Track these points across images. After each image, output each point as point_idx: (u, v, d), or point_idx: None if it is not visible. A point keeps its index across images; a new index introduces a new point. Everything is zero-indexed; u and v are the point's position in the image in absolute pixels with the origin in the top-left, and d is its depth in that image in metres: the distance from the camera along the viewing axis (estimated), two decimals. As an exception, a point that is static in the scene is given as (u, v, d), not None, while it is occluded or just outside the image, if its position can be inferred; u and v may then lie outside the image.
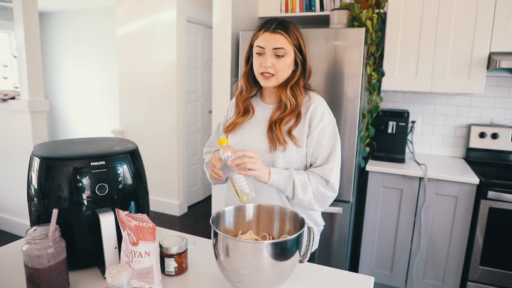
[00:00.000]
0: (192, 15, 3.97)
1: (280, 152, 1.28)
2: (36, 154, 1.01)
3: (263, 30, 1.29)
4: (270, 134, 1.30)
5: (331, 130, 1.32)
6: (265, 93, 1.42)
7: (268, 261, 0.86)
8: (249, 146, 1.32)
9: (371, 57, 2.46)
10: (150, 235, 0.88)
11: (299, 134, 1.30)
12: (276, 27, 1.27)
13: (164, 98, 3.97)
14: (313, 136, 1.30)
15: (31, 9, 3.01)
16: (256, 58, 1.32)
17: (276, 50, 1.27)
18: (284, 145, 1.28)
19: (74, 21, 5.68)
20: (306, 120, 1.31)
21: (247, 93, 1.40)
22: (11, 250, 1.14)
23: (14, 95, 3.23)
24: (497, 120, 2.71)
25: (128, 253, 0.90)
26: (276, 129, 1.29)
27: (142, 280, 0.90)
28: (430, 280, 2.44)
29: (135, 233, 0.88)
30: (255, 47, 1.31)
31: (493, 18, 2.28)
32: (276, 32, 1.27)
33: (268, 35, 1.28)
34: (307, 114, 1.31)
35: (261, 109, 1.40)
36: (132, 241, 0.89)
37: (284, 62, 1.28)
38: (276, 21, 1.29)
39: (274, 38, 1.27)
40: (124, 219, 0.90)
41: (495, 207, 2.18)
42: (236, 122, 1.39)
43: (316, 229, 1.43)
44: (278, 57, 1.28)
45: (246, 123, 1.39)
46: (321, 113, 1.32)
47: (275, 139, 1.29)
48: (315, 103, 1.33)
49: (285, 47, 1.27)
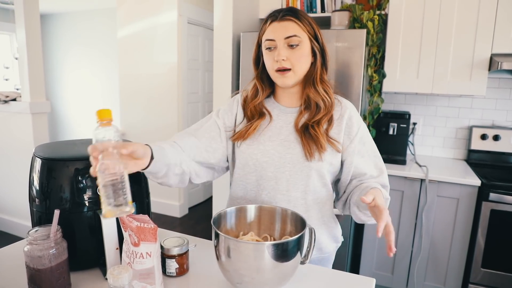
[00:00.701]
0: (193, 16, 3.98)
1: (315, 163, 1.12)
2: (38, 155, 1.01)
3: (270, 20, 1.13)
4: (305, 140, 1.12)
5: (368, 135, 1.22)
6: (283, 94, 1.23)
7: (270, 262, 0.85)
8: (272, 156, 1.16)
9: (372, 58, 2.46)
10: (152, 236, 0.88)
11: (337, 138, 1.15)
12: (284, 14, 1.11)
13: (165, 99, 3.97)
14: (353, 146, 1.16)
15: (32, 11, 3.02)
16: (267, 54, 1.15)
17: (288, 39, 1.10)
18: (322, 152, 1.12)
19: (75, 22, 5.69)
20: (341, 127, 1.16)
21: (263, 95, 1.22)
22: (13, 251, 1.14)
23: (15, 97, 3.23)
24: (499, 122, 2.71)
25: (130, 254, 0.90)
26: (316, 132, 1.12)
27: (144, 281, 0.90)
28: (431, 282, 2.44)
29: (137, 234, 0.88)
30: (264, 42, 1.14)
31: (494, 20, 2.28)
32: (285, 20, 1.10)
33: (276, 25, 1.11)
34: (341, 120, 1.16)
35: (281, 113, 1.22)
36: (134, 242, 0.89)
37: (300, 53, 1.11)
38: (284, 9, 1.13)
39: (284, 26, 1.10)
40: (125, 220, 0.90)
41: (497, 209, 2.18)
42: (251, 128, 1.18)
43: (334, 246, 1.29)
44: (292, 47, 1.10)
45: (264, 129, 1.19)
46: (357, 120, 1.19)
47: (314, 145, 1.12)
48: (348, 109, 1.18)
49: (299, 34, 1.10)
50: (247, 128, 1.19)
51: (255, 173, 1.18)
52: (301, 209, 1.17)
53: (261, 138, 1.18)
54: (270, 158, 1.16)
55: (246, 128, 1.19)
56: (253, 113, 1.21)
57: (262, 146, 1.17)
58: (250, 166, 1.18)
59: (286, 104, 1.23)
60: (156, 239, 0.89)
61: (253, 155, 1.17)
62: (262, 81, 1.22)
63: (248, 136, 1.18)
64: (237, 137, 1.20)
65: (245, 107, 1.23)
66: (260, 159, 1.17)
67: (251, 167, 1.18)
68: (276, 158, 1.15)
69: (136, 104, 4.16)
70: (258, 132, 1.19)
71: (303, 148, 1.13)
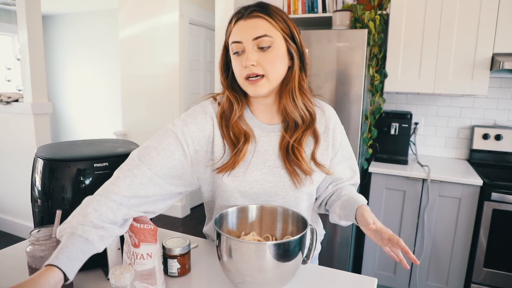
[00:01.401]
0: (195, 17, 3.98)
1: (307, 187, 1.03)
2: (40, 155, 1.02)
3: (235, 18, 0.96)
4: (291, 167, 1.00)
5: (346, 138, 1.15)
6: (258, 108, 1.05)
7: (271, 262, 0.85)
8: (262, 186, 1.02)
9: (373, 58, 2.46)
10: (152, 237, 0.88)
11: (324, 160, 1.06)
12: (252, 10, 0.94)
13: (167, 100, 3.98)
14: (338, 157, 1.10)
15: (35, 12, 3.03)
16: (234, 60, 0.98)
17: (258, 40, 0.92)
18: (311, 175, 1.01)
19: (77, 23, 5.70)
20: (329, 141, 1.07)
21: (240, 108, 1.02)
22: (15, 251, 1.14)
23: (17, 98, 3.24)
24: (501, 122, 2.70)
25: (130, 255, 0.90)
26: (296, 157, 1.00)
27: (145, 282, 0.90)
28: (433, 282, 2.43)
29: (137, 235, 0.88)
30: (231, 45, 0.97)
31: (496, 19, 2.27)
32: (253, 17, 0.93)
33: (243, 24, 0.94)
34: (327, 134, 1.07)
35: (262, 132, 1.05)
36: (134, 243, 0.89)
37: (273, 55, 0.94)
38: (251, 5, 0.96)
39: (252, 25, 0.93)
40: None
41: (499, 208, 2.17)
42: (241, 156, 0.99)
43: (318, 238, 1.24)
44: (263, 49, 0.93)
45: (250, 155, 1.02)
46: (340, 128, 1.11)
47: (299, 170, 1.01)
48: (332, 119, 1.09)
49: (270, 34, 0.93)
50: (235, 158, 0.99)
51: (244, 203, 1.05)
52: None
53: (249, 168, 1.02)
54: (260, 189, 1.03)
55: (234, 157, 0.99)
56: (236, 136, 1.00)
57: (250, 177, 1.02)
58: (237, 197, 1.04)
59: (265, 120, 1.06)
60: (156, 240, 0.89)
61: (240, 187, 1.02)
62: (234, 91, 1.04)
63: (236, 166, 1.00)
64: (222, 169, 1.00)
65: (225, 126, 1.01)
66: (249, 191, 1.03)
67: (238, 199, 1.04)
68: (267, 188, 1.03)
69: (138, 104, 4.16)
70: (247, 160, 1.02)
71: (291, 177, 1.02)
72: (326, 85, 2.28)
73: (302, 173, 1.01)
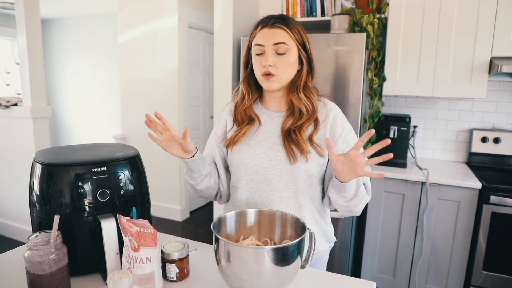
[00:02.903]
0: (194, 21, 3.99)
1: (302, 164, 1.17)
2: (38, 160, 1.02)
3: (261, 26, 1.17)
4: (288, 144, 1.17)
5: (354, 136, 1.25)
6: (269, 99, 1.28)
7: (270, 267, 0.85)
8: (262, 159, 1.20)
9: (372, 62, 2.47)
10: (151, 241, 0.88)
11: (320, 142, 1.19)
12: (275, 22, 1.15)
13: (166, 103, 3.98)
14: (338, 146, 1.20)
15: (33, 16, 3.03)
16: (255, 59, 1.19)
17: (277, 46, 1.14)
18: (306, 155, 1.16)
19: (76, 27, 5.71)
20: (327, 128, 1.20)
21: (249, 100, 1.26)
22: (13, 256, 1.14)
23: (16, 102, 3.24)
24: (499, 125, 2.71)
25: (130, 259, 0.90)
26: (297, 137, 1.16)
27: (144, 286, 0.90)
28: (432, 285, 2.43)
29: (136, 239, 0.88)
30: (254, 46, 1.19)
31: (494, 23, 2.28)
32: (275, 27, 1.15)
33: (266, 31, 1.16)
34: (326, 122, 1.21)
35: (268, 117, 1.26)
36: (133, 247, 0.89)
37: (287, 60, 1.16)
38: (275, 16, 1.18)
39: (274, 33, 1.15)
40: (125, 225, 0.91)
41: (498, 212, 2.17)
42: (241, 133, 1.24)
43: (327, 246, 1.33)
44: (280, 54, 1.15)
45: (254, 134, 1.24)
46: (341, 120, 1.23)
47: (296, 148, 1.17)
48: (333, 111, 1.23)
49: (287, 42, 1.14)
50: (236, 133, 1.24)
51: (246, 176, 1.23)
52: (294, 208, 1.21)
53: (251, 143, 1.23)
54: (260, 162, 1.21)
55: (236, 133, 1.25)
56: (243, 118, 1.26)
57: (252, 150, 1.22)
58: (241, 170, 1.23)
59: (273, 109, 1.28)
60: (156, 244, 0.89)
61: (243, 159, 1.22)
62: (249, 85, 1.27)
63: (237, 141, 1.24)
64: (228, 143, 1.26)
65: (235, 113, 1.29)
66: (250, 163, 1.22)
67: (242, 171, 1.23)
68: (266, 161, 1.20)
69: (137, 108, 4.17)
70: (248, 137, 1.24)
71: (286, 152, 1.18)
72: (325, 89, 2.28)
73: (299, 151, 1.17)
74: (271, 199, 1.21)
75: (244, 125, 1.25)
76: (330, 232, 1.33)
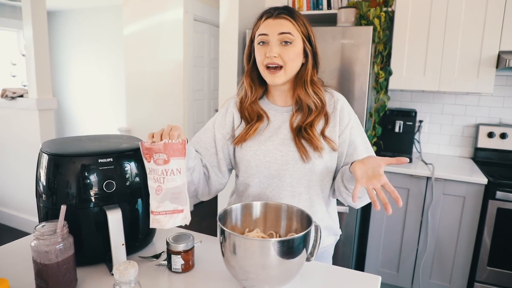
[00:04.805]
0: (199, 13, 3.98)
1: (316, 159, 1.16)
2: (45, 151, 1.02)
3: (265, 16, 1.14)
4: (299, 142, 1.15)
5: (359, 127, 1.24)
6: (275, 94, 1.24)
7: (275, 259, 0.85)
8: (274, 155, 1.18)
9: (378, 55, 2.45)
10: (180, 151, 0.94)
11: (333, 136, 1.18)
12: (280, 12, 1.12)
13: (171, 96, 3.98)
14: (344, 136, 1.19)
15: (40, 8, 3.03)
16: (258, 49, 1.15)
17: (282, 35, 1.10)
18: (321, 151, 1.15)
19: (82, 19, 5.71)
20: (336, 119, 1.19)
21: (252, 95, 1.23)
22: (20, 246, 1.15)
23: (22, 93, 3.25)
24: (506, 120, 2.69)
25: (158, 176, 0.94)
26: (309, 135, 1.14)
27: (175, 202, 0.94)
28: (436, 280, 2.43)
29: (166, 150, 0.93)
30: (257, 37, 1.14)
31: (503, 17, 2.25)
32: (280, 17, 1.11)
33: (271, 22, 1.12)
34: (335, 113, 1.19)
35: (276, 113, 1.24)
36: (164, 160, 0.93)
37: (292, 51, 1.12)
38: (279, 7, 1.15)
39: (279, 23, 1.11)
40: (149, 146, 0.95)
41: (504, 207, 2.16)
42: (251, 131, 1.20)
43: (333, 240, 1.33)
44: (285, 44, 1.11)
45: (263, 130, 1.22)
46: (348, 111, 1.22)
47: (309, 145, 1.15)
48: (340, 101, 1.21)
49: (292, 33, 1.11)
50: (247, 131, 1.21)
51: (258, 173, 1.21)
52: (306, 204, 1.20)
53: (262, 139, 1.20)
54: (272, 158, 1.18)
55: (246, 130, 1.21)
56: (251, 115, 1.23)
57: (263, 146, 1.19)
58: (253, 167, 1.21)
59: (279, 103, 1.25)
60: (184, 154, 0.95)
61: (255, 156, 1.20)
62: (252, 80, 1.23)
63: (248, 138, 1.21)
64: (238, 140, 1.22)
65: (242, 110, 1.25)
66: (262, 159, 1.19)
67: (254, 168, 1.21)
68: (279, 157, 1.18)
69: (142, 101, 4.17)
70: (258, 134, 1.21)
71: (298, 151, 1.16)
72: (331, 82, 2.27)
73: (312, 148, 1.15)
74: (282, 194, 1.19)
75: (253, 123, 1.21)
76: (336, 225, 1.33)
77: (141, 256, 1.11)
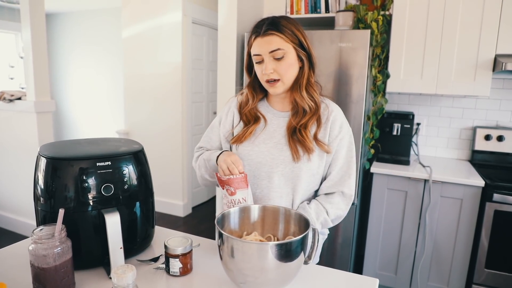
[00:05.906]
0: (198, 16, 3.98)
1: (304, 163, 1.21)
2: (43, 154, 1.02)
3: (254, 36, 1.21)
4: (293, 143, 1.22)
5: (349, 142, 1.29)
6: (274, 99, 1.33)
7: (273, 262, 0.86)
8: (266, 157, 1.25)
9: (376, 59, 2.46)
10: (243, 183, 1.12)
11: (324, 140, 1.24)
12: (266, 29, 1.17)
13: (169, 99, 3.98)
14: (332, 146, 1.25)
15: (38, 10, 3.03)
16: (256, 67, 1.24)
17: (273, 53, 1.17)
18: (310, 153, 1.21)
19: (80, 22, 5.71)
20: (327, 128, 1.25)
21: (254, 102, 1.31)
22: (18, 250, 1.15)
23: (20, 96, 3.25)
24: (503, 123, 2.70)
25: (229, 203, 1.13)
26: (302, 136, 1.21)
27: None
28: (434, 282, 2.43)
29: (231, 185, 1.11)
30: (252, 55, 1.23)
31: (499, 20, 2.27)
32: (267, 35, 1.17)
33: (260, 41, 1.19)
34: (327, 123, 1.25)
35: (274, 116, 1.31)
36: (231, 192, 1.11)
37: (286, 63, 1.19)
38: (266, 22, 1.19)
39: (267, 42, 1.17)
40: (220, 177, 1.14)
41: (501, 209, 2.17)
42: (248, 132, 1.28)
43: (320, 238, 1.37)
44: (278, 60, 1.18)
45: (259, 133, 1.29)
46: (340, 123, 1.26)
47: (301, 147, 1.21)
48: (334, 112, 1.27)
49: (282, 47, 1.17)
50: (244, 132, 1.29)
51: (249, 172, 1.27)
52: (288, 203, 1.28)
53: (256, 141, 1.28)
54: (263, 159, 1.25)
55: (243, 132, 1.29)
56: (248, 118, 1.31)
57: (257, 148, 1.27)
58: (245, 166, 1.27)
59: (278, 108, 1.32)
60: (247, 184, 1.12)
61: (248, 156, 1.27)
62: (254, 89, 1.32)
63: (244, 139, 1.28)
64: (235, 140, 1.31)
65: (241, 112, 1.34)
66: (254, 160, 1.26)
67: (246, 167, 1.27)
68: (269, 159, 1.25)
69: (141, 103, 4.17)
70: (254, 135, 1.29)
71: (291, 151, 1.22)
72: (328, 85, 2.28)
73: (304, 150, 1.21)
74: (271, 195, 1.25)
75: (250, 125, 1.29)
76: None
77: (139, 259, 1.11)
